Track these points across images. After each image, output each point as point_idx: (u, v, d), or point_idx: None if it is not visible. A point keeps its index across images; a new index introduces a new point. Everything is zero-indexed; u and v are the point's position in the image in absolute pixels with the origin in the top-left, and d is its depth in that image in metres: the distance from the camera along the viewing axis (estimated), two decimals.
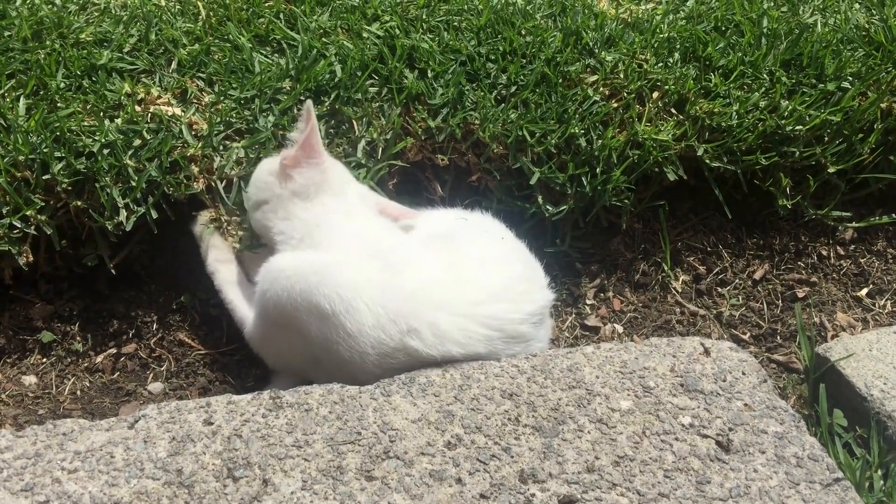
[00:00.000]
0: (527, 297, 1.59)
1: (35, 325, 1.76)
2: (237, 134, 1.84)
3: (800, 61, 2.20)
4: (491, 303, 1.54)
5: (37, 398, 1.68)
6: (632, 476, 1.31)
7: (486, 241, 1.68)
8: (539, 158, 1.94)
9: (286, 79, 1.92)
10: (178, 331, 1.83)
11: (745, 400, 1.46)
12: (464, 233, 1.69)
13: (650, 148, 1.95)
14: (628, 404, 1.44)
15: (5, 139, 1.69)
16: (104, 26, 2.03)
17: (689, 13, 2.36)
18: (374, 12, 2.19)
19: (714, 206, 2.13)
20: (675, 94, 2.04)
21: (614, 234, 2.08)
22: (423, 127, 1.92)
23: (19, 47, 1.92)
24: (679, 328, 1.95)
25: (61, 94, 1.81)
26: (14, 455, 1.27)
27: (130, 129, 1.76)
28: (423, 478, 1.29)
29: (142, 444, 1.30)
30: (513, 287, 1.59)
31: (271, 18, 2.11)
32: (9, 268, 1.69)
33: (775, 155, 2.03)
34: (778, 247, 2.14)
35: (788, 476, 1.33)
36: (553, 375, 1.50)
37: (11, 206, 1.64)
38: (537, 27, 2.18)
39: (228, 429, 1.34)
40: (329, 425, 1.36)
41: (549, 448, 1.35)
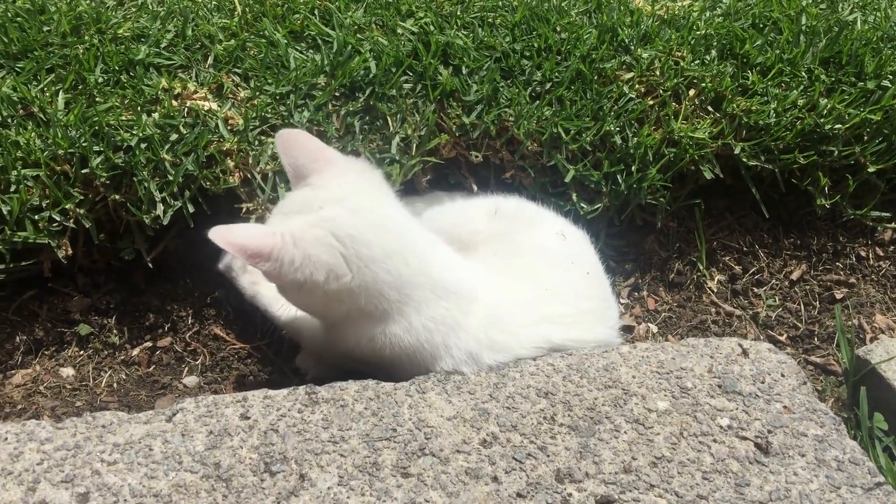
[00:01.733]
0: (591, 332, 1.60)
1: (73, 318, 1.78)
2: (272, 129, 1.84)
3: (839, 59, 2.17)
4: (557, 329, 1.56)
5: (74, 390, 1.69)
6: (670, 477, 1.30)
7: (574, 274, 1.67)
8: (574, 156, 1.93)
9: (321, 75, 1.92)
10: (212, 325, 1.84)
11: (785, 402, 1.45)
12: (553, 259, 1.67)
13: (686, 146, 1.93)
14: (665, 405, 1.43)
15: (45, 133, 1.70)
16: (141, 22, 2.04)
17: (726, 10, 2.33)
18: (408, 8, 2.18)
19: (750, 205, 2.11)
20: (712, 91, 2.02)
21: (649, 232, 2.06)
22: (458, 123, 1.92)
23: (58, 42, 1.93)
24: (714, 328, 1.93)
25: (100, 88, 1.83)
26: (55, 446, 1.29)
27: (167, 124, 1.77)
28: (459, 475, 1.28)
29: (180, 437, 1.31)
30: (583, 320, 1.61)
31: (306, 14, 2.11)
32: (48, 261, 1.71)
33: (814, 154, 2.00)
34: (815, 247, 2.11)
35: (829, 480, 1.31)
36: (589, 375, 1.49)
37: (51, 200, 1.65)
38: (572, 24, 2.17)
39: (265, 423, 1.35)
40: (364, 421, 1.36)
41: (586, 448, 1.34)
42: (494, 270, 1.61)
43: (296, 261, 1.39)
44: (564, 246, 1.71)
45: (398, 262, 1.45)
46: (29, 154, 1.67)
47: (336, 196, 1.47)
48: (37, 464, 1.26)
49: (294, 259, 1.38)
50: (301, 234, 1.40)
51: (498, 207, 1.77)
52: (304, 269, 1.39)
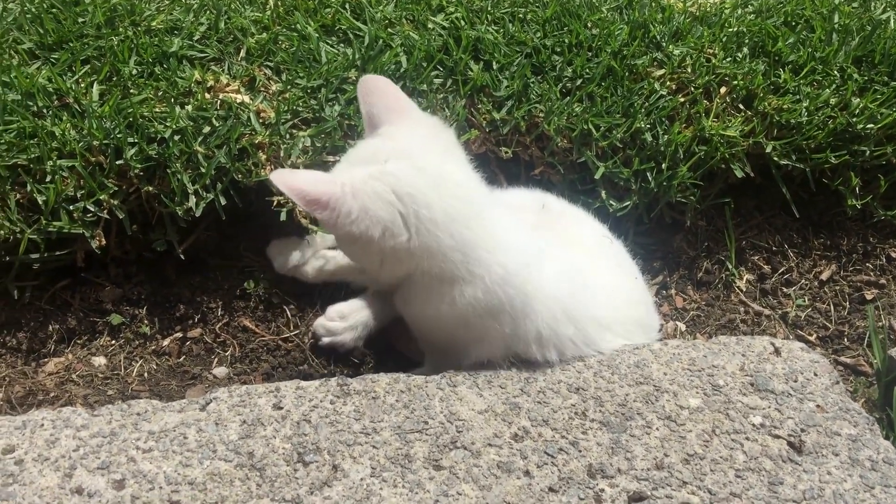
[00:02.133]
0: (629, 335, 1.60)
1: (105, 308, 1.79)
2: (304, 123, 1.85)
3: (872, 58, 2.15)
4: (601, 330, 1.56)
5: (106, 379, 1.71)
6: (702, 475, 1.30)
7: (620, 277, 1.68)
8: (604, 153, 1.92)
9: (352, 69, 1.93)
10: (242, 317, 1.85)
11: (818, 401, 1.44)
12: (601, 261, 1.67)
13: (717, 144, 1.93)
14: (697, 402, 1.43)
15: (80, 124, 1.72)
16: (175, 14, 2.06)
17: (758, 7, 2.32)
18: (438, 3, 2.18)
19: (780, 204, 2.10)
20: (744, 89, 2.01)
21: (677, 230, 2.05)
22: (488, 119, 1.92)
23: (93, 34, 1.95)
24: (743, 328, 1.93)
25: (134, 80, 1.84)
26: (90, 433, 1.30)
27: (200, 116, 1.78)
28: (491, 469, 1.29)
29: (213, 426, 1.32)
30: (632, 329, 1.61)
31: (338, 8, 2.11)
32: (81, 251, 1.72)
33: (845, 153, 1.99)
34: (845, 247, 2.09)
35: (863, 479, 1.31)
36: (620, 371, 1.49)
37: (86, 191, 1.67)
38: (604, 20, 2.16)
39: (297, 414, 1.35)
40: (396, 413, 1.37)
41: (617, 443, 1.34)
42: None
43: (352, 213, 1.35)
44: (612, 248, 1.72)
45: (461, 227, 1.41)
46: (64, 145, 1.68)
47: (403, 150, 1.43)
48: (73, 450, 1.27)
49: (351, 211, 1.35)
50: (361, 185, 1.37)
51: (545, 202, 1.76)
52: (359, 223, 1.36)
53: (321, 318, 1.78)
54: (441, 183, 1.42)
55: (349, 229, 1.36)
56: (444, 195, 1.40)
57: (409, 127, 1.47)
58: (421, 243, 1.39)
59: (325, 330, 1.77)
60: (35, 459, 1.25)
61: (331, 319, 1.77)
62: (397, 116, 1.48)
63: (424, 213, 1.38)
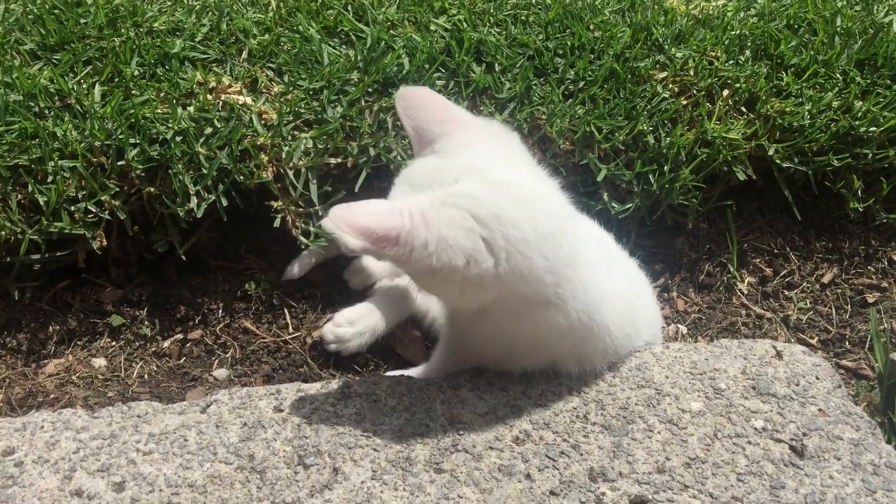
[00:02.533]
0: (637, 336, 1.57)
1: (105, 309, 1.79)
2: (306, 124, 1.85)
3: (874, 61, 2.15)
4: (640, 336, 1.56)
5: (106, 380, 1.71)
6: (704, 478, 1.29)
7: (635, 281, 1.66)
8: (606, 155, 1.92)
9: (354, 70, 1.93)
10: (242, 318, 1.85)
11: (820, 405, 1.43)
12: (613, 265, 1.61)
13: (720, 146, 1.92)
14: (699, 405, 1.42)
15: (82, 125, 1.72)
16: (177, 15, 2.06)
17: (760, 10, 2.32)
18: (441, 5, 2.18)
19: (782, 207, 2.09)
20: (746, 92, 2.01)
21: (679, 233, 2.05)
22: None
23: (95, 35, 1.95)
24: (745, 331, 1.92)
25: (136, 81, 1.84)
26: (90, 435, 1.30)
27: (202, 118, 1.78)
28: (492, 472, 1.28)
29: (214, 428, 1.32)
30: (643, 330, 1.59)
31: (340, 10, 2.11)
32: (82, 251, 1.72)
33: (848, 156, 1.98)
34: (847, 250, 2.09)
35: (865, 484, 1.30)
36: (621, 374, 1.49)
37: (87, 191, 1.67)
38: (606, 22, 2.16)
39: (298, 416, 1.35)
40: (397, 416, 1.37)
41: (619, 447, 1.34)
42: None
43: (429, 245, 1.18)
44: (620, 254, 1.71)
45: (553, 245, 1.26)
46: (66, 145, 1.68)
47: (471, 166, 1.27)
48: (73, 452, 1.27)
49: (427, 243, 1.18)
50: (433, 213, 1.20)
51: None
52: (439, 255, 1.19)
53: (329, 325, 1.77)
54: (524, 197, 1.27)
55: (427, 263, 1.20)
56: (530, 211, 1.25)
57: (469, 138, 1.32)
58: (511, 267, 1.24)
59: (334, 336, 1.75)
60: (35, 461, 1.25)
61: (339, 325, 1.76)
62: (454, 127, 1.33)
63: (514, 234, 1.22)
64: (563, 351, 1.43)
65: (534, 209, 1.26)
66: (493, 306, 1.30)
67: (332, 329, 1.75)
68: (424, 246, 1.18)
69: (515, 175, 1.30)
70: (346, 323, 1.75)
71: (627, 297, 1.52)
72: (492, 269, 1.22)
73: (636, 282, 1.66)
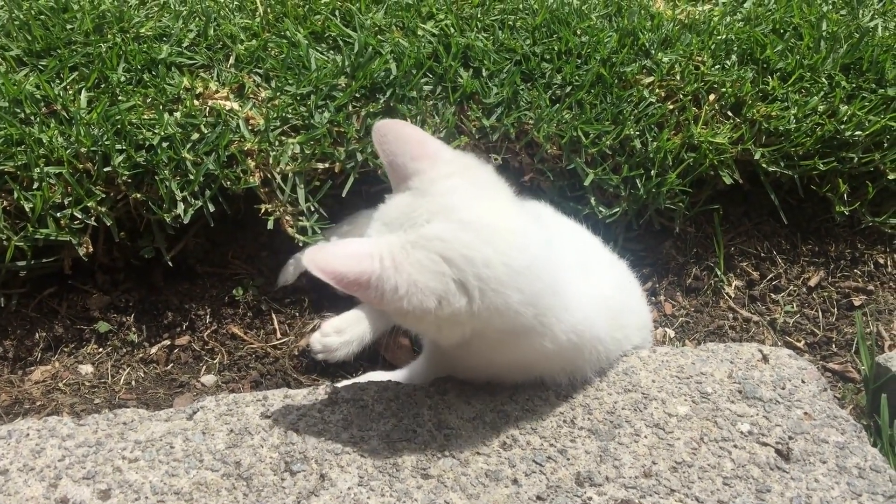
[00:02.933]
0: (626, 340, 1.57)
1: (92, 315, 1.79)
2: (293, 130, 1.84)
3: (859, 65, 2.16)
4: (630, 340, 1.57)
5: (93, 387, 1.70)
6: (690, 482, 1.30)
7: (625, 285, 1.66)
8: (593, 160, 1.93)
9: (342, 76, 1.93)
10: (230, 324, 1.85)
11: (805, 408, 1.44)
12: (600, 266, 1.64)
13: (706, 151, 1.93)
14: (685, 409, 1.43)
15: (68, 131, 1.71)
16: (164, 21, 2.05)
17: (746, 15, 2.33)
18: (428, 10, 2.18)
19: (768, 211, 2.10)
20: (732, 96, 2.02)
21: (666, 237, 2.05)
22: (477, 126, 1.92)
23: (81, 40, 1.94)
24: (732, 334, 1.93)
25: (122, 87, 1.84)
26: (76, 443, 1.29)
27: (189, 123, 1.78)
28: (479, 477, 1.28)
29: (200, 435, 1.32)
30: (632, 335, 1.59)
31: (327, 15, 2.11)
32: (68, 258, 1.72)
33: (833, 160, 1.99)
34: (833, 254, 2.10)
35: (850, 487, 1.31)
36: (608, 378, 1.49)
37: (73, 198, 1.66)
38: (593, 27, 2.17)
39: (285, 423, 1.35)
40: (385, 422, 1.37)
41: (606, 451, 1.34)
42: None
43: (399, 289, 1.19)
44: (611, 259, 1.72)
45: (528, 278, 1.27)
46: (52, 152, 1.68)
47: (443, 206, 1.27)
48: (58, 460, 1.27)
49: (398, 287, 1.19)
50: (403, 256, 1.21)
51: (539, 214, 1.71)
52: (410, 298, 1.20)
53: (316, 334, 1.77)
54: (495, 235, 1.26)
55: (398, 305, 1.21)
56: (502, 248, 1.25)
57: (443, 174, 1.31)
58: (486, 304, 1.24)
59: (322, 346, 1.75)
60: (20, 469, 1.24)
61: (326, 335, 1.75)
62: (426, 164, 1.32)
63: (486, 273, 1.23)
64: (553, 368, 1.44)
65: (506, 246, 1.26)
66: (475, 338, 1.30)
67: (319, 339, 1.75)
68: (395, 290, 1.19)
69: (488, 211, 1.29)
70: (333, 332, 1.75)
71: (615, 303, 1.52)
72: (465, 308, 1.23)
73: (626, 286, 1.67)
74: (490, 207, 1.30)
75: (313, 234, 1.77)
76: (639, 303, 1.69)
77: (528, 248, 1.29)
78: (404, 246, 1.23)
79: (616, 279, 1.64)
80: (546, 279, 1.30)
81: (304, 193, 1.78)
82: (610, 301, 1.49)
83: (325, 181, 1.81)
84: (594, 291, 1.45)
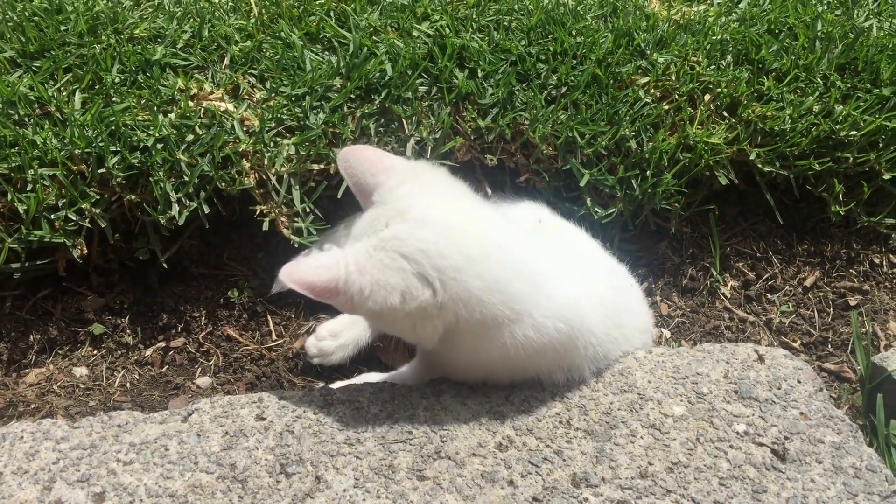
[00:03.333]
0: (626, 340, 1.57)
1: (86, 318, 1.78)
2: (288, 131, 1.84)
3: (855, 65, 2.16)
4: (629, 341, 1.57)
5: (87, 389, 1.70)
6: (686, 483, 1.30)
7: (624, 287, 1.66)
8: (589, 160, 1.92)
9: (337, 76, 1.92)
10: (225, 326, 1.84)
11: (801, 409, 1.44)
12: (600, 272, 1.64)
13: (701, 151, 1.93)
14: (681, 410, 1.43)
15: (62, 132, 1.71)
16: (158, 22, 2.05)
17: (741, 15, 2.33)
18: (423, 11, 2.18)
19: (764, 211, 2.10)
20: (728, 97, 2.02)
21: (662, 237, 2.05)
22: (473, 127, 1.92)
23: (75, 42, 1.94)
24: (728, 334, 1.93)
25: (116, 88, 1.83)
26: (70, 446, 1.29)
27: (183, 125, 1.77)
28: (475, 479, 1.28)
29: (195, 437, 1.31)
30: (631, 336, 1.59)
31: (322, 16, 2.11)
32: (63, 260, 1.71)
33: (829, 160, 2.00)
34: (829, 254, 2.10)
35: (846, 487, 1.31)
36: (604, 379, 1.49)
37: (67, 199, 1.66)
38: (588, 28, 2.16)
39: (280, 424, 1.35)
40: (380, 423, 1.36)
41: (602, 452, 1.34)
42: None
43: (364, 290, 1.28)
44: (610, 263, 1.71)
45: (487, 265, 1.32)
46: (46, 153, 1.67)
47: (398, 209, 1.35)
48: (52, 463, 1.26)
49: (363, 288, 1.28)
50: (366, 259, 1.29)
51: (541, 217, 1.74)
52: (375, 297, 1.28)
53: (311, 338, 1.76)
54: (449, 225, 1.33)
55: (368, 306, 1.28)
56: (455, 237, 1.32)
57: (397, 182, 1.40)
58: (450, 294, 1.29)
59: (317, 350, 1.75)
60: (14, 472, 1.24)
61: (321, 338, 1.75)
62: (383, 177, 1.41)
63: (443, 263, 1.29)
64: (546, 364, 1.43)
65: (459, 235, 1.33)
66: (453, 336, 1.35)
67: (314, 343, 1.75)
68: (360, 292, 1.28)
69: (440, 207, 1.37)
70: (328, 336, 1.75)
71: (610, 302, 1.52)
72: (430, 300, 1.29)
73: (625, 287, 1.67)
74: (442, 204, 1.38)
75: (308, 235, 1.77)
76: (640, 306, 1.68)
77: (485, 236, 1.36)
78: (367, 251, 1.31)
79: (613, 278, 1.64)
80: (509, 265, 1.35)
81: (300, 195, 1.78)
82: (605, 298, 1.49)
83: (321, 182, 1.80)
84: (587, 285, 1.46)
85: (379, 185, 1.41)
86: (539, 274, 1.38)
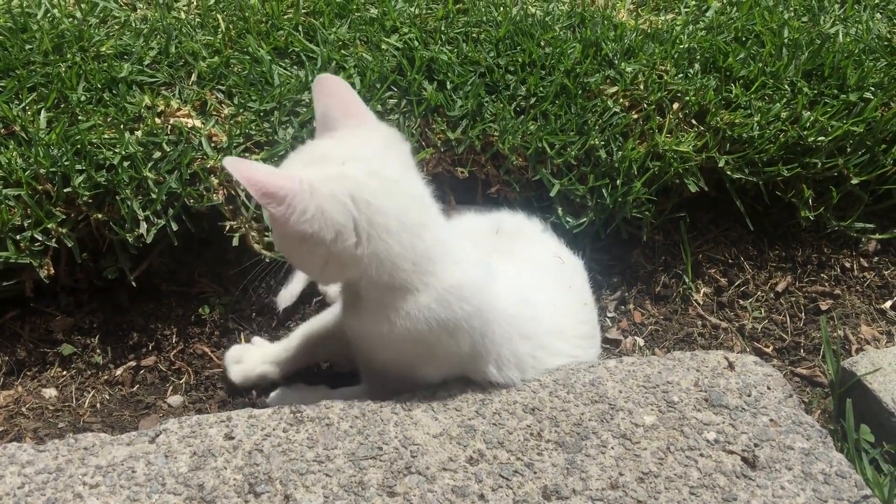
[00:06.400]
0: (586, 355, 1.63)
1: (55, 338, 1.76)
2: (256, 146, 1.84)
3: (821, 72, 2.18)
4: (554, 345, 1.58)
5: (57, 411, 1.68)
6: (657, 493, 1.30)
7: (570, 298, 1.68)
8: (559, 170, 1.93)
9: (305, 91, 1.92)
10: (197, 343, 1.83)
11: (771, 415, 1.44)
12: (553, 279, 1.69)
13: (671, 159, 1.94)
14: (652, 419, 1.43)
15: (27, 152, 1.69)
16: (124, 39, 2.04)
17: (709, 24, 2.34)
18: (392, 24, 2.18)
19: (735, 217, 2.11)
20: (696, 105, 2.03)
21: (634, 246, 2.06)
22: (443, 139, 1.92)
23: (40, 60, 1.92)
24: (701, 341, 1.93)
25: (82, 106, 1.82)
26: (36, 469, 1.27)
27: (150, 142, 1.76)
28: (446, 493, 1.27)
29: (163, 458, 1.30)
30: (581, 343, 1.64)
31: (290, 31, 2.11)
32: (30, 280, 1.70)
33: (797, 166, 2.01)
34: (800, 259, 2.11)
35: (816, 493, 1.31)
36: (575, 390, 1.49)
37: (33, 219, 1.64)
38: (556, 38, 2.17)
39: (249, 443, 1.33)
40: (350, 440, 1.35)
41: (573, 464, 1.34)
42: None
43: (308, 212, 1.29)
44: (563, 268, 1.73)
45: (412, 236, 1.38)
46: (10, 173, 1.66)
47: (360, 155, 1.39)
48: (17, 487, 1.24)
49: (307, 209, 1.29)
50: (319, 185, 1.31)
51: (500, 226, 1.77)
52: (313, 223, 1.30)
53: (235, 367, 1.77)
54: (397, 191, 1.39)
55: (301, 228, 1.30)
56: (399, 204, 1.38)
57: (366, 133, 1.44)
58: (371, 250, 1.35)
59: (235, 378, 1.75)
60: None
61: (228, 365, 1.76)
62: (355, 121, 1.44)
63: (378, 220, 1.35)
64: (467, 353, 1.45)
65: (403, 202, 1.39)
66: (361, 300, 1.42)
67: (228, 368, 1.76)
68: (304, 212, 1.30)
69: (396, 172, 1.42)
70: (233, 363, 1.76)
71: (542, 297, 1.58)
72: (352, 249, 1.35)
73: (573, 287, 1.70)
74: (398, 170, 1.43)
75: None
76: (584, 312, 1.69)
77: (421, 211, 1.43)
78: (322, 178, 1.33)
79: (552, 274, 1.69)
80: (430, 243, 1.41)
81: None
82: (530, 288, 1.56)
83: None
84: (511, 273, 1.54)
85: (347, 127, 1.43)
86: (453, 258, 1.43)
